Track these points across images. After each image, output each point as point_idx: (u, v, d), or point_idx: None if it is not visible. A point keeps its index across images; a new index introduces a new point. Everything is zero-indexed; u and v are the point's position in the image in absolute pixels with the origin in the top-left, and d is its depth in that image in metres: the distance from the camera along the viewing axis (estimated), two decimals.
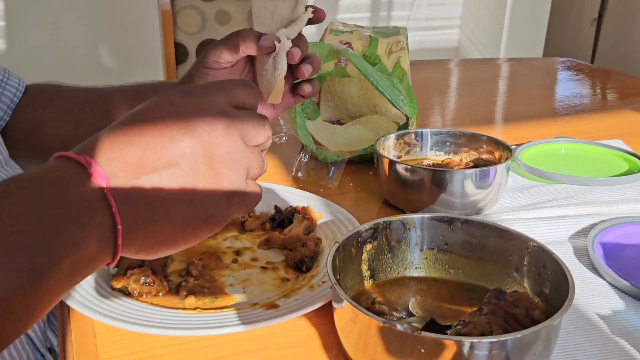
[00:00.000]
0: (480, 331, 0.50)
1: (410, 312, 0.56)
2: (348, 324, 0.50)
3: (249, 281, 0.62)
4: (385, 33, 1.04)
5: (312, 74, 0.70)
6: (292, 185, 0.83)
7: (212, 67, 0.71)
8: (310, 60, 0.70)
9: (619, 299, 0.61)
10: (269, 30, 0.69)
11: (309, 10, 0.67)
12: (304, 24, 0.67)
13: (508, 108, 1.29)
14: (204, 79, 0.72)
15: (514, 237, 0.58)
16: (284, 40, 0.66)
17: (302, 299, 0.58)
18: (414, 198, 0.76)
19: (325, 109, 1.04)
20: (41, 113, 0.81)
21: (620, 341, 0.55)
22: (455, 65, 1.76)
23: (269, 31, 0.69)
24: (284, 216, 0.72)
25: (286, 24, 0.68)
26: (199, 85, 0.48)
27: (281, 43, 0.66)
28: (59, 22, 2.38)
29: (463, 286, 0.60)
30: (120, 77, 2.49)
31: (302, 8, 0.67)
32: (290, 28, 0.66)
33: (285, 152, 0.94)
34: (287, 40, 0.66)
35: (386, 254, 0.60)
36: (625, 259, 0.67)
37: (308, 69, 0.69)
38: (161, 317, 0.54)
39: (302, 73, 0.69)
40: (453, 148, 0.86)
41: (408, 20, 3.16)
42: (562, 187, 0.82)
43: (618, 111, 1.22)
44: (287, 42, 0.66)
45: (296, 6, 0.67)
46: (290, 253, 0.65)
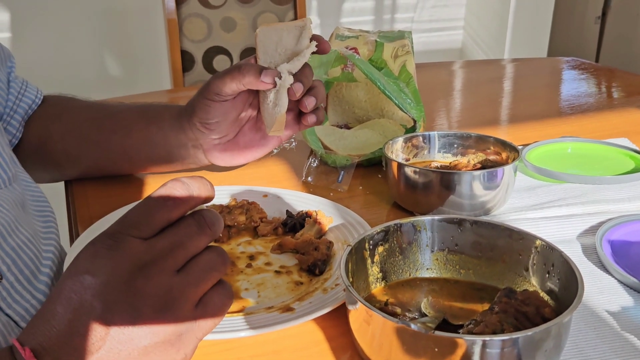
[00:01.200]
0: (492, 330, 0.51)
1: (422, 312, 0.57)
2: (362, 325, 0.51)
3: (263, 285, 0.63)
4: (390, 37, 1.05)
5: (316, 105, 0.71)
6: (302, 190, 0.85)
7: (214, 100, 0.72)
8: (314, 92, 0.71)
9: (628, 295, 0.62)
10: (272, 61, 0.70)
11: (312, 44, 0.68)
12: (306, 59, 0.68)
13: (514, 108, 1.30)
14: (206, 110, 0.73)
15: (523, 237, 0.59)
16: (285, 76, 0.67)
17: (316, 301, 0.59)
18: (423, 200, 0.77)
19: (333, 114, 1.05)
20: (50, 128, 0.83)
21: (630, 337, 0.56)
22: (460, 67, 1.77)
23: (273, 61, 0.70)
24: (295, 221, 0.73)
25: (290, 55, 0.68)
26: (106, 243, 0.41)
27: (282, 79, 0.67)
28: (65, 33, 2.41)
29: (474, 286, 0.61)
30: (128, 85, 2.51)
31: (306, 41, 0.68)
32: (292, 62, 0.67)
33: (294, 157, 0.95)
34: (289, 76, 0.67)
35: (397, 256, 0.61)
36: (633, 255, 0.68)
37: (311, 102, 0.70)
38: None
39: (305, 106, 0.70)
40: (460, 150, 0.87)
41: (412, 23, 3.17)
42: (569, 186, 0.83)
43: (623, 109, 1.22)
44: (288, 78, 0.67)
45: (300, 38, 0.68)
46: (303, 257, 0.66)
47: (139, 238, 0.41)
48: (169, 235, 0.42)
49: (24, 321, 0.61)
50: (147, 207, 0.42)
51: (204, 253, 0.43)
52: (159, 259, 0.41)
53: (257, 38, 0.70)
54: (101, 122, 0.82)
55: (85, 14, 2.41)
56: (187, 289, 0.41)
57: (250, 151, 0.78)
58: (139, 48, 2.53)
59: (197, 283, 0.42)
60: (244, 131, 0.77)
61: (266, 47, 0.70)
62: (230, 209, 0.74)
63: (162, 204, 0.42)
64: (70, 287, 0.40)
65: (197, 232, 0.42)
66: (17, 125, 0.82)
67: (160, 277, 0.41)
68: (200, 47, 1.88)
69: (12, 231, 0.64)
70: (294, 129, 0.75)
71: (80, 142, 0.82)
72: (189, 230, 0.42)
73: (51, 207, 0.77)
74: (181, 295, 0.41)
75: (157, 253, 0.41)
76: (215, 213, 0.44)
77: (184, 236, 0.42)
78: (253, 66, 0.68)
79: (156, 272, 0.41)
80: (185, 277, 0.41)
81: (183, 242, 0.42)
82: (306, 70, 0.69)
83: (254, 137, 0.77)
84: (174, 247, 0.41)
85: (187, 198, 0.42)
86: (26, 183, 0.76)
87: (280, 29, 0.70)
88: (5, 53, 0.82)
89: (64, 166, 0.85)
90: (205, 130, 0.76)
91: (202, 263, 0.42)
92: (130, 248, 0.41)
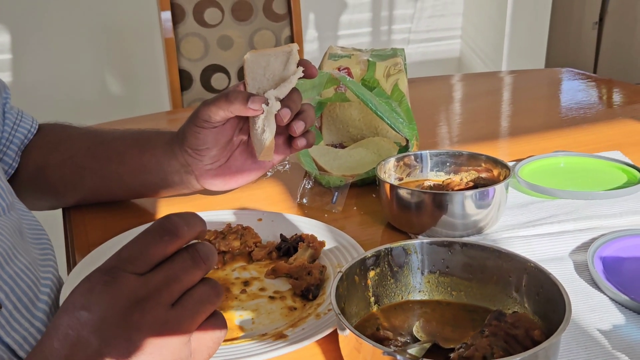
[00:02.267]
0: (482, 354, 0.51)
1: (414, 336, 0.57)
2: (353, 352, 0.52)
3: (257, 311, 0.64)
4: (383, 56, 1.06)
5: (306, 129, 0.72)
6: (297, 212, 0.85)
7: (204, 127, 0.73)
8: (303, 115, 0.71)
9: (620, 313, 0.63)
10: (261, 86, 0.71)
11: (299, 69, 0.69)
12: (293, 84, 0.69)
13: (510, 122, 1.31)
14: (196, 137, 0.74)
15: (512, 259, 0.59)
16: (272, 103, 0.68)
17: (309, 327, 0.59)
18: (416, 221, 0.77)
19: (327, 133, 1.06)
20: (47, 157, 0.84)
21: (621, 356, 0.56)
22: (457, 81, 1.78)
23: (261, 87, 0.70)
24: (289, 244, 0.74)
25: (278, 80, 0.69)
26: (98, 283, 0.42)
27: (269, 105, 0.68)
28: (64, 54, 2.43)
29: (465, 307, 0.62)
30: (127, 105, 2.53)
31: (293, 66, 0.69)
32: (279, 88, 0.68)
33: (289, 179, 0.96)
34: (276, 102, 0.68)
35: (389, 280, 0.62)
36: (625, 272, 0.69)
37: (300, 126, 0.71)
38: None
39: (294, 130, 0.71)
40: (453, 168, 0.87)
41: (409, 33, 3.18)
42: (562, 202, 0.84)
43: (618, 120, 1.23)
44: (275, 104, 0.68)
45: (287, 64, 0.69)
46: (296, 282, 0.66)
47: (135, 273, 0.42)
48: (164, 269, 0.43)
49: (22, 349, 0.62)
50: (143, 242, 0.43)
51: (199, 286, 0.44)
52: (154, 293, 0.42)
53: (246, 64, 0.71)
54: (96, 151, 0.83)
55: (84, 37, 2.44)
56: (182, 322, 0.42)
57: (242, 175, 0.79)
58: (137, 68, 2.55)
59: (192, 316, 0.43)
60: (236, 156, 0.78)
61: (254, 72, 0.71)
62: (225, 234, 0.75)
63: (157, 240, 0.43)
64: (67, 323, 0.41)
65: (192, 265, 0.43)
66: (13, 156, 0.83)
67: (157, 311, 0.41)
68: (198, 65, 1.90)
69: (9, 259, 0.65)
70: (285, 152, 0.75)
71: (76, 170, 0.83)
72: (184, 264, 0.43)
73: (47, 235, 0.78)
74: (177, 329, 0.42)
75: (152, 288, 0.42)
76: (210, 246, 0.45)
77: (179, 270, 0.43)
78: (240, 93, 0.69)
79: (152, 306, 0.41)
80: (181, 310, 0.42)
81: (178, 276, 0.43)
82: (294, 95, 0.70)
83: (245, 161, 0.78)
84: (169, 281, 0.42)
85: (182, 233, 0.43)
86: (22, 212, 0.77)
87: (268, 54, 0.71)
88: (0, 85, 0.83)
89: (62, 194, 0.86)
90: (197, 156, 0.77)
91: (197, 296, 0.43)
92: (126, 283, 0.41)
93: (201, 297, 0.43)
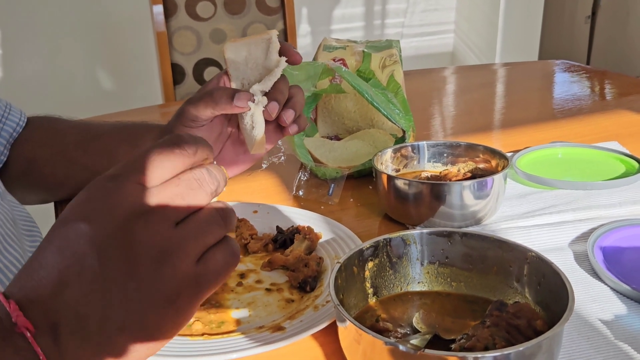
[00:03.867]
0: (483, 344, 0.50)
1: (414, 327, 0.57)
2: (352, 343, 0.51)
3: (254, 304, 0.63)
4: (378, 47, 1.05)
5: (296, 116, 0.70)
6: (293, 205, 0.84)
7: (191, 127, 0.72)
8: (292, 102, 0.70)
9: (621, 303, 0.62)
10: (245, 77, 0.69)
11: (282, 59, 0.67)
12: (277, 77, 0.67)
13: (505, 114, 1.30)
14: None
15: (513, 248, 0.58)
16: (258, 98, 0.66)
17: (307, 319, 0.58)
18: (413, 212, 0.76)
19: (322, 125, 1.05)
20: (37, 151, 0.82)
21: (623, 346, 0.56)
22: (451, 73, 1.77)
23: (245, 77, 0.69)
24: (285, 236, 0.73)
25: (261, 69, 0.68)
26: (115, 177, 0.40)
27: (256, 102, 0.66)
28: (56, 49, 2.41)
29: (465, 298, 0.61)
30: (119, 100, 2.51)
31: (274, 55, 0.67)
32: (264, 82, 0.66)
33: (285, 171, 0.95)
34: (262, 97, 0.67)
35: (388, 271, 0.61)
36: (625, 262, 0.68)
37: (289, 115, 0.69)
38: (169, 346, 0.55)
39: (284, 121, 0.69)
40: (450, 159, 0.86)
41: (402, 27, 3.17)
42: (560, 193, 0.83)
43: (613, 111, 1.22)
44: (262, 99, 0.66)
45: (268, 51, 0.67)
46: (293, 274, 0.65)
47: (140, 184, 0.39)
48: (171, 185, 0.40)
49: None
50: (151, 152, 0.40)
51: (206, 208, 0.41)
52: (159, 207, 0.39)
53: (225, 55, 0.69)
54: (86, 145, 0.82)
55: (75, 31, 2.41)
56: (185, 241, 0.39)
57: (235, 166, 0.78)
58: (129, 62, 2.53)
59: (196, 236, 0.39)
60: (227, 147, 0.77)
61: (236, 64, 0.69)
62: None
63: (166, 151, 0.40)
64: (64, 234, 0.38)
65: (198, 186, 0.40)
66: (1, 149, 0.82)
67: (159, 226, 0.38)
68: (191, 59, 1.88)
69: (3, 249, 0.64)
70: (277, 138, 0.74)
71: (67, 165, 0.81)
72: (191, 184, 0.40)
73: (38, 228, 0.77)
74: (180, 248, 0.38)
75: (157, 201, 0.39)
76: (220, 170, 0.42)
77: (185, 188, 0.40)
78: (225, 90, 0.68)
79: (155, 221, 0.38)
80: (184, 228, 0.39)
81: (184, 194, 0.40)
82: (280, 85, 0.68)
83: (237, 152, 0.77)
84: (175, 197, 0.39)
85: (192, 149, 0.41)
86: (14, 204, 0.76)
87: (247, 43, 0.69)
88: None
89: (53, 189, 0.85)
90: None
91: (203, 216, 0.40)
92: (131, 193, 0.38)
93: (207, 217, 0.40)
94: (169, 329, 0.39)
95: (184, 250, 0.38)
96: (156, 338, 0.39)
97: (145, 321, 0.38)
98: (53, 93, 2.41)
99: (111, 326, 0.37)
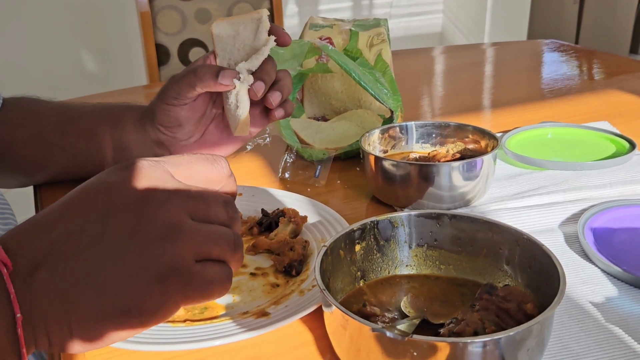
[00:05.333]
0: (473, 329, 0.49)
1: (402, 312, 0.55)
2: (339, 329, 0.49)
3: (238, 289, 0.61)
4: (365, 26, 1.03)
5: (283, 99, 0.68)
6: (279, 187, 0.83)
7: (173, 105, 0.70)
8: (279, 85, 0.68)
9: (612, 285, 0.61)
10: (232, 57, 0.67)
11: (271, 38, 0.65)
12: (265, 56, 0.65)
13: (494, 94, 1.29)
14: (166, 115, 0.71)
15: (503, 230, 0.57)
16: (244, 76, 0.64)
17: (292, 305, 0.57)
18: (402, 193, 0.75)
19: (309, 106, 1.03)
20: (14, 133, 0.80)
21: (614, 329, 0.55)
22: (440, 53, 1.75)
23: (232, 57, 0.67)
24: (271, 219, 0.71)
25: (249, 50, 0.66)
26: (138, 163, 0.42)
27: (241, 80, 0.64)
28: (38, 30, 2.36)
29: (455, 282, 0.60)
30: (103, 81, 2.47)
31: (264, 35, 0.65)
32: (250, 61, 0.64)
33: (270, 153, 0.93)
34: (249, 75, 0.64)
35: (375, 254, 0.60)
36: (616, 243, 0.67)
37: (276, 97, 0.67)
38: (150, 332, 0.53)
39: (270, 103, 0.67)
40: (439, 139, 0.85)
41: (390, 8, 3.14)
42: (551, 174, 0.82)
43: (603, 91, 1.21)
44: (248, 77, 0.64)
45: (257, 32, 0.65)
46: (278, 258, 0.64)
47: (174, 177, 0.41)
48: (199, 189, 0.42)
49: None
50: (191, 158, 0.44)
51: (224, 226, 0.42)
52: (182, 198, 0.40)
53: (213, 34, 0.67)
54: (65, 127, 0.79)
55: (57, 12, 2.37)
56: (194, 234, 0.39)
57: (219, 149, 0.76)
58: (113, 43, 2.49)
59: (206, 237, 0.40)
60: (211, 130, 0.75)
61: (224, 43, 0.67)
62: None
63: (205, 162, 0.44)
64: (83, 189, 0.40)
65: (222, 204, 0.42)
66: None
67: (176, 210, 0.39)
68: (175, 40, 1.85)
69: None
70: (263, 123, 0.72)
71: (45, 147, 0.79)
72: (217, 198, 0.42)
73: (12, 210, 0.74)
74: (187, 235, 0.39)
75: (181, 193, 0.40)
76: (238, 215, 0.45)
77: (209, 198, 0.42)
78: (210, 68, 0.65)
79: (174, 205, 0.40)
80: (198, 225, 0.40)
81: (207, 201, 0.41)
82: (267, 66, 0.66)
83: (221, 135, 0.75)
84: (199, 199, 0.41)
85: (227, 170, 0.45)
86: None
87: (236, 22, 0.67)
88: None
89: (31, 172, 0.82)
90: (170, 133, 0.73)
91: (219, 229, 0.41)
92: (160, 175, 0.41)
93: (222, 232, 0.41)
94: (147, 310, 0.38)
95: (190, 240, 0.39)
96: (132, 313, 0.38)
97: (127, 290, 0.38)
98: (36, 75, 2.37)
99: (91, 286, 0.37)
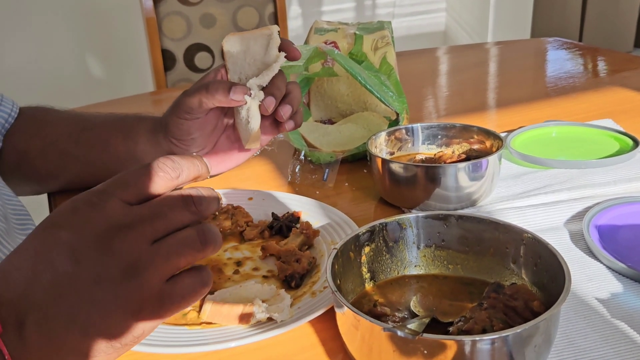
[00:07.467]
0: (481, 327, 0.51)
1: (412, 311, 0.57)
2: (350, 329, 0.51)
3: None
4: (369, 29, 1.04)
5: (292, 113, 0.70)
6: (288, 190, 0.84)
7: (185, 118, 0.71)
8: (289, 98, 0.69)
9: (617, 281, 0.62)
10: (242, 71, 0.68)
11: (281, 54, 0.66)
12: (275, 72, 0.66)
13: (498, 93, 1.30)
14: (179, 128, 0.72)
15: (509, 230, 0.58)
16: (254, 92, 0.65)
17: (304, 306, 0.58)
18: (409, 195, 0.76)
19: (315, 109, 1.04)
20: (29, 143, 0.82)
21: (620, 324, 0.56)
22: (444, 53, 1.76)
23: (243, 72, 0.68)
24: (281, 223, 0.72)
25: (260, 65, 0.67)
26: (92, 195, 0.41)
27: (252, 96, 0.65)
28: (45, 37, 2.38)
29: (462, 281, 0.61)
30: (110, 87, 2.49)
31: (274, 50, 0.66)
32: (261, 76, 0.66)
33: (279, 157, 0.94)
34: (259, 91, 0.66)
35: (385, 255, 0.61)
36: (621, 240, 0.68)
37: (287, 110, 0.68)
38: (166, 335, 0.55)
39: (281, 116, 0.69)
40: (445, 140, 0.86)
41: (394, 7, 3.15)
42: (555, 172, 0.83)
43: (607, 89, 1.22)
44: (258, 93, 0.66)
45: (268, 47, 0.66)
46: (283, 265, 0.64)
47: (123, 201, 0.41)
48: (153, 205, 0.41)
49: None
50: (138, 172, 0.42)
51: (185, 229, 0.42)
52: (138, 224, 0.40)
53: (224, 49, 0.68)
54: (79, 137, 0.81)
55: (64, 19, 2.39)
56: (156, 258, 0.40)
57: (230, 159, 0.77)
58: (119, 49, 2.51)
59: (167, 255, 0.40)
60: (222, 141, 0.76)
61: (235, 57, 0.68)
62: (215, 214, 0.73)
63: (152, 173, 0.42)
64: (42, 239, 0.40)
65: (181, 206, 0.42)
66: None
67: (135, 242, 0.40)
68: (181, 45, 1.86)
69: None
70: (272, 133, 0.73)
71: (59, 157, 0.81)
72: (174, 203, 0.42)
73: (33, 220, 0.76)
74: (150, 265, 0.39)
75: (137, 218, 0.40)
76: (209, 192, 0.43)
77: (167, 208, 0.41)
78: (222, 84, 0.67)
79: (133, 236, 0.40)
80: (157, 247, 0.40)
81: (165, 213, 0.41)
82: (277, 81, 0.67)
83: (232, 146, 0.76)
84: (155, 216, 0.41)
85: (178, 173, 0.42)
86: (7, 197, 0.75)
87: (246, 37, 0.68)
88: None
89: (45, 180, 0.84)
90: (182, 145, 0.75)
91: (180, 238, 0.41)
92: (112, 208, 0.40)
93: (182, 239, 0.41)
94: (128, 341, 0.40)
95: (153, 268, 0.40)
96: (116, 346, 0.40)
97: (107, 328, 0.39)
98: (43, 82, 2.39)
99: (76, 328, 0.39)
